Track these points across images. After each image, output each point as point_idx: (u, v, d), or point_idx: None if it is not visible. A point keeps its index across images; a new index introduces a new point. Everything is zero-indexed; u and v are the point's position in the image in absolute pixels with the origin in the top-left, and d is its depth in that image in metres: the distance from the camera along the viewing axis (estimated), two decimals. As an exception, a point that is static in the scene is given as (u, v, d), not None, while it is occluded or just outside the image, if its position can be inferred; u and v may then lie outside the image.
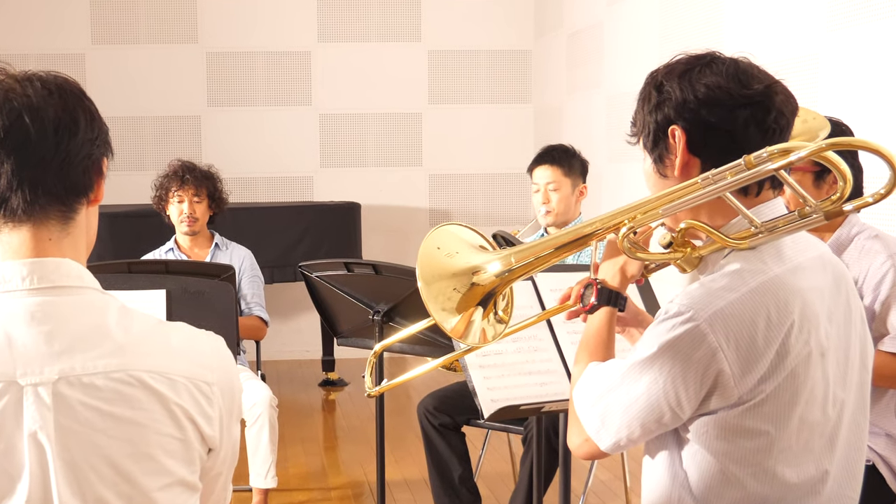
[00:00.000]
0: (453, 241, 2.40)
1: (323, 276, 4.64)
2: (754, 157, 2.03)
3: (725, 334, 2.09)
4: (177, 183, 5.95)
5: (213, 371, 1.90)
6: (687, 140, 2.21)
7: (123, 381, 1.79)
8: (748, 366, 2.11)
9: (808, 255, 2.25)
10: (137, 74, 9.77)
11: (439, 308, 2.30)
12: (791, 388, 2.14)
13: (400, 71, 10.05)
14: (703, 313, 2.10)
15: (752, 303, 2.11)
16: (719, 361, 2.10)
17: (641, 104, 2.32)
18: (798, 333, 2.13)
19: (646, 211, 2.22)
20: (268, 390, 5.53)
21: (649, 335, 2.17)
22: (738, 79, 2.19)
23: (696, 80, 2.21)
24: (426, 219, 10.06)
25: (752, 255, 2.18)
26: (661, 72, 2.29)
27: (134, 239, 7.39)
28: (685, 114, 2.21)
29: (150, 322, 1.89)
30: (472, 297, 2.33)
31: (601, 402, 2.25)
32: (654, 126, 2.27)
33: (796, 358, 2.13)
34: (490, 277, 2.33)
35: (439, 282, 2.33)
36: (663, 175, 2.28)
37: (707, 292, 2.13)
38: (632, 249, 2.25)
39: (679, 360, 2.11)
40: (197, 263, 5.70)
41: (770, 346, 2.11)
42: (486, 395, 3.42)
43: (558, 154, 5.38)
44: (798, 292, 2.16)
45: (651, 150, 2.30)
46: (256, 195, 9.86)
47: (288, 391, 8.55)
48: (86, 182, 1.87)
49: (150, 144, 9.78)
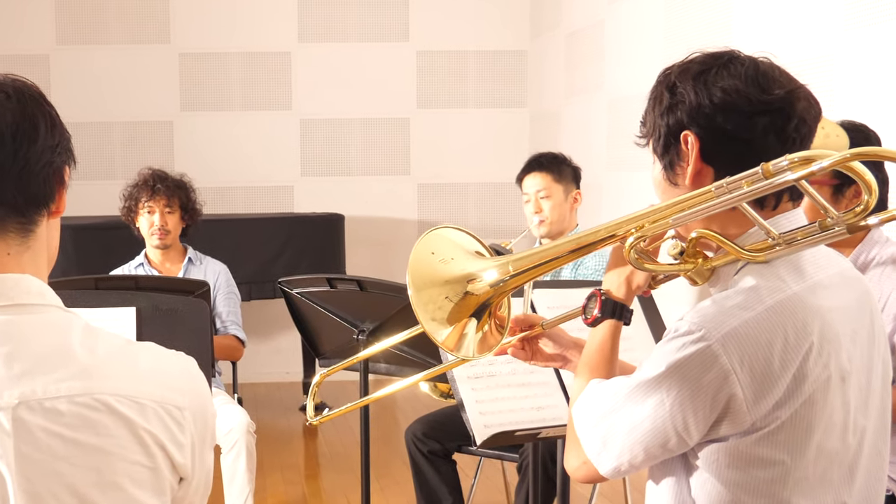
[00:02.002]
0: (448, 245, 2.39)
1: (304, 292, 4.63)
2: (773, 166, 1.99)
3: (739, 356, 2.07)
4: (147, 193, 5.94)
5: (185, 394, 1.89)
6: (700, 147, 2.20)
7: (88, 405, 1.77)
8: (763, 390, 2.09)
9: (829, 272, 2.24)
10: (105, 77, 9.77)
11: (429, 317, 2.28)
12: (808, 415, 2.12)
13: (386, 73, 10.06)
14: (715, 333, 2.08)
15: (768, 323, 2.09)
16: (732, 385, 2.08)
17: (652, 105, 2.31)
18: (817, 357, 2.12)
19: (655, 220, 2.19)
20: (245, 415, 5.52)
21: (657, 354, 2.16)
22: (758, 83, 2.17)
23: (713, 82, 2.19)
24: (414, 231, 10.05)
25: (768, 270, 2.16)
26: (675, 71, 2.27)
27: (101, 253, 7.37)
28: (699, 119, 2.20)
29: (117, 342, 1.88)
30: (466, 307, 2.32)
31: (603, 423, 2.23)
32: (665, 130, 2.26)
33: (815, 383, 2.12)
34: (485, 287, 2.32)
35: (431, 289, 2.31)
36: (673, 183, 2.27)
37: (720, 310, 2.11)
38: (639, 260, 2.23)
39: (688, 383, 2.10)
40: (169, 279, 5.69)
41: (787, 369, 2.09)
42: (478, 421, 3.41)
43: (547, 161, 5.45)
44: (818, 312, 2.14)
45: (661, 156, 2.29)
46: (233, 206, 9.85)
47: (266, 416, 8.53)
48: (46, 192, 1.86)
49: (118, 152, 9.76)
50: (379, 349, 3.43)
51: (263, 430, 6.87)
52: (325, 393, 8.85)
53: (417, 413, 5.39)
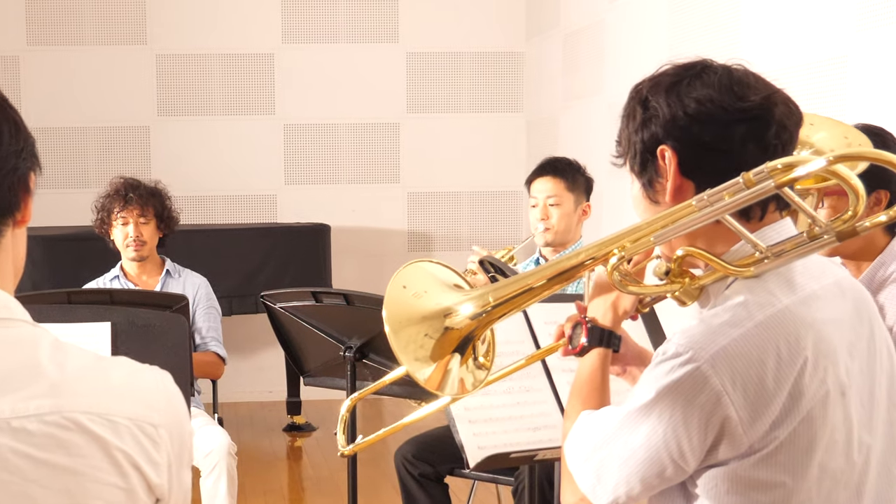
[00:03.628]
0: (421, 278, 2.38)
1: (288, 307, 4.63)
2: (754, 175, 2.01)
3: (731, 376, 2.08)
4: (119, 203, 5.94)
5: (160, 411, 1.88)
6: (679, 161, 2.22)
7: (58, 424, 1.76)
8: (758, 410, 2.09)
9: (823, 282, 2.25)
10: (78, 79, 9.76)
11: (412, 357, 2.27)
12: (808, 434, 2.13)
13: (375, 75, 10.06)
14: (703, 353, 2.09)
15: (758, 339, 2.10)
16: (725, 407, 2.08)
17: (626, 122, 2.35)
18: (813, 371, 2.12)
19: (636, 238, 2.21)
20: (226, 436, 5.51)
21: (646, 379, 2.17)
22: (733, 90, 2.19)
23: (686, 93, 2.21)
24: (404, 242, 10.06)
25: (757, 284, 2.17)
26: (646, 85, 2.31)
27: (74, 265, 7.36)
28: (675, 132, 2.22)
29: (87, 358, 1.87)
30: (447, 342, 2.31)
31: (596, 455, 2.24)
32: (640, 146, 2.29)
33: (812, 399, 2.12)
34: (465, 320, 2.31)
35: (409, 328, 2.30)
36: (654, 201, 2.29)
37: (708, 329, 2.13)
38: (623, 282, 2.25)
39: (679, 407, 2.11)
40: (145, 293, 5.69)
41: (781, 387, 2.10)
42: (471, 442, 3.41)
43: (562, 166, 5.44)
44: (811, 325, 2.15)
45: (639, 174, 2.32)
46: (213, 216, 9.85)
47: (248, 437, 8.53)
48: (11, 200, 1.85)
49: (92, 158, 9.76)
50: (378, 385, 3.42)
51: (245, 453, 6.86)
52: (311, 412, 8.85)
53: (407, 433, 5.37)
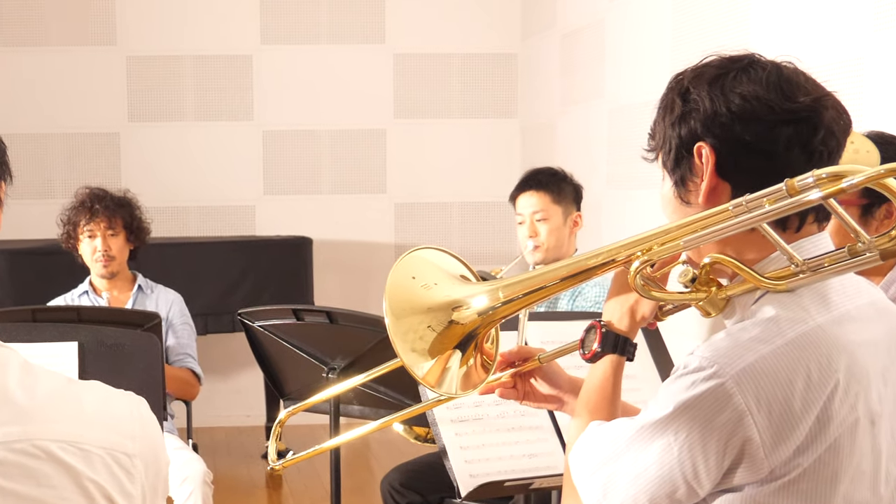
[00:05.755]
0: (431, 269, 2.39)
1: (267, 325, 4.63)
2: (798, 183, 1.97)
3: (756, 395, 2.06)
4: (85, 215, 5.93)
5: (135, 440, 1.89)
6: (716, 161, 2.19)
7: (27, 452, 1.77)
8: (782, 434, 2.07)
9: (858, 302, 2.22)
10: (43, 83, 9.75)
11: (409, 348, 2.28)
12: (834, 462, 2.11)
13: (359, 78, 10.06)
14: (729, 369, 2.06)
15: (788, 358, 2.08)
16: (747, 427, 2.06)
17: (662, 114, 2.30)
18: (843, 396, 2.10)
19: (664, 241, 2.19)
20: (201, 463, 5.51)
21: (664, 393, 2.15)
22: (782, 89, 2.17)
23: (731, 88, 2.18)
24: (390, 256, 10.04)
25: (790, 300, 2.15)
26: (688, 75, 2.26)
27: (40, 280, 7.37)
28: (715, 129, 2.19)
29: (59, 381, 1.87)
30: (450, 337, 2.32)
31: (604, 469, 2.22)
32: (676, 142, 2.25)
33: (840, 426, 2.10)
34: (472, 315, 2.32)
35: (411, 317, 2.31)
36: (685, 201, 2.27)
37: (735, 343, 2.10)
38: (645, 287, 2.22)
39: (699, 424, 2.08)
40: (115, 311, 5.68)
41: (809, 410, 2.08)
42: (462, 469, 3.42)
43: (545, 178, 5.42)
44: (845, 347, 2.13)
45: (672, 171, 2.29)
46: (187, 228, 9.84)
47: (225, 464, 8.52)
48: (-22, 212, 1.86)
49: (58, 167, 9.75)
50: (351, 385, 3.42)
51: (222, 480, 6.86)
52: (292, 438, 8.83)
53: (394, 460, 5.38)
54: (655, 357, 3.67)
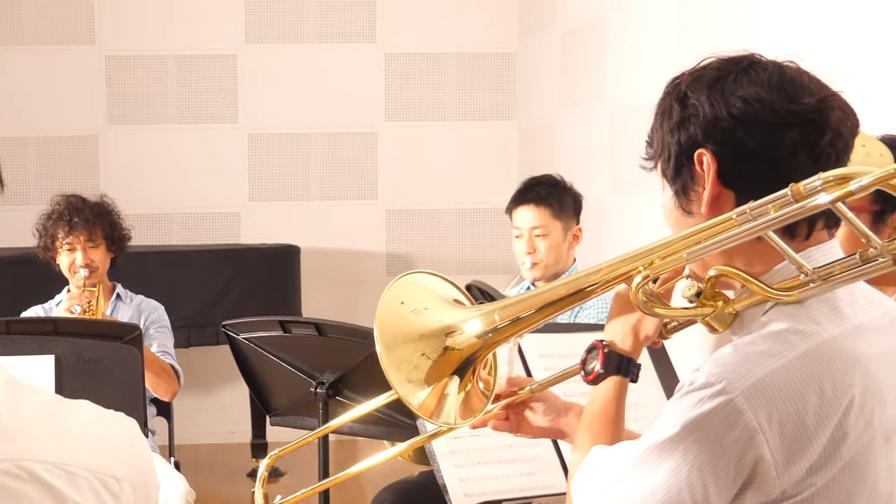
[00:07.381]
0: (421, 293, 2.38)
1: (252, 337, 4.63)
2: (804, 187, 1.96)
3: (767, 412, 2.05)
4: (63, 229, 5.88)
5: (124, 463, 1.88)
6: (718, 168, 2.18)
7: (11, 473, 1.77)
8: (795, 452, 2.06)
9: (871, 313, 2.22)
10: (18, 84, 9.74)
11: (404, 379, 2.27)
12: (848, 482, 2.10)
13: (349, 79, 10.06)
14: (739, 385, 2.05)
15: (801, 372, 2.07)
16: (759, 446, 2.05)
17: (660, 120, 2.30)
18: (859, 412, 2.09)
19: (666, 255, 2.19)
20: (183, 482, 5.49)
21: (670, 411, 2.13)
22: (785, 90, 2.16)
23: (731, 91, 2.18)
24: (382, 266, 10.05)
25: (800, 311, 2.14)
26: (686, 79, 2.26)
27: (14, 290, 7.35)
28: (716, 135, 2.18)
29: (46, 399, 1.87)
30: (446, 364, 2.31)
31: (608, 494, 2.20)
32: (676, 149, 2.25)
33: (856, 443, 2.09)
34: (469, 339, 2.31)
35: (404, 346, 2.30)
36: (687, 211, 2.26)
37: (743, 358, 2.09)
38: (648, 304, 2.22)
39: (708, 444, 2.07)
40: (94, 322, 5.65)
41: (823, 427, 2.07)
42: (457, 489, 3.42)
43: (545, 190, 5.33)
44: (859, 360, 2.12)
45: (672, 180, 2.28)
46: (169, 236, 9.84)
47: (209, 482, 8.50)
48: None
49: (34, 172, 9.73)
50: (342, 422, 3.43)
51: (205, 500, 6.85)
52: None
53: (386, 479, 5.38)
54: (661, 377, 3.67)
